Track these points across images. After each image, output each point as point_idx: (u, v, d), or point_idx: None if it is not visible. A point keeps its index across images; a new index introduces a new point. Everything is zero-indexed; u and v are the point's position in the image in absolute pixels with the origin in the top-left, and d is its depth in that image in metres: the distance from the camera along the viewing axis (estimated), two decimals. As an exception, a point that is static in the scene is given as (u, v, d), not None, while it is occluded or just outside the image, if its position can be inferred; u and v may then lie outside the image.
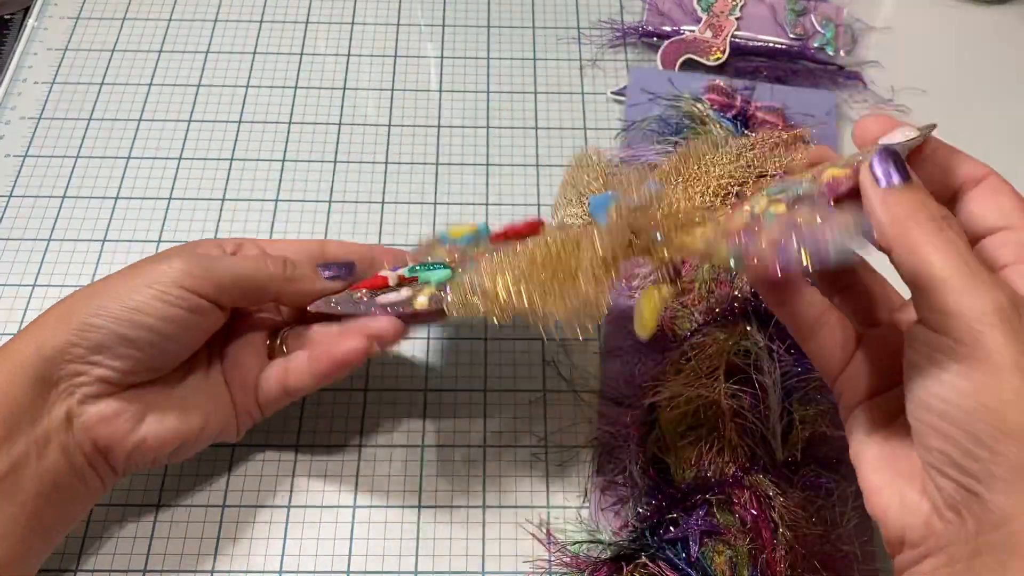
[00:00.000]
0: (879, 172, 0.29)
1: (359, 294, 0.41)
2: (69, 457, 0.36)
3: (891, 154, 0.29)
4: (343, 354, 0.39)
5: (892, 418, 0.32)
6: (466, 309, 0.37)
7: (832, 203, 0.32)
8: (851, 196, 0.31)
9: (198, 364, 0.40)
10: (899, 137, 0.32)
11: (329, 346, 0.39)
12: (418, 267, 0.41)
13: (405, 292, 0.40)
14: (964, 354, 0.26)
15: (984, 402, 0.26)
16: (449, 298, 0.38)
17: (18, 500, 0.35)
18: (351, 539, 0.43)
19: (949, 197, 0.32)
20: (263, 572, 0.42)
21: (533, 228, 0.43)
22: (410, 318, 0.40)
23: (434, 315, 0.41)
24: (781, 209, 0.33)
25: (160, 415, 0.38)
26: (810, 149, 0.39)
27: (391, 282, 0.41)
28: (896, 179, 0.29)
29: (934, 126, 0.32)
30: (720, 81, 0.57)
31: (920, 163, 0.32)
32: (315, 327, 0.41)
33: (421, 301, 0.39)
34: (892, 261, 0.29)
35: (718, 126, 0.54)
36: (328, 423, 0.46)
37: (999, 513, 0.26)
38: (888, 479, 0.30)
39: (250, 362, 0.41)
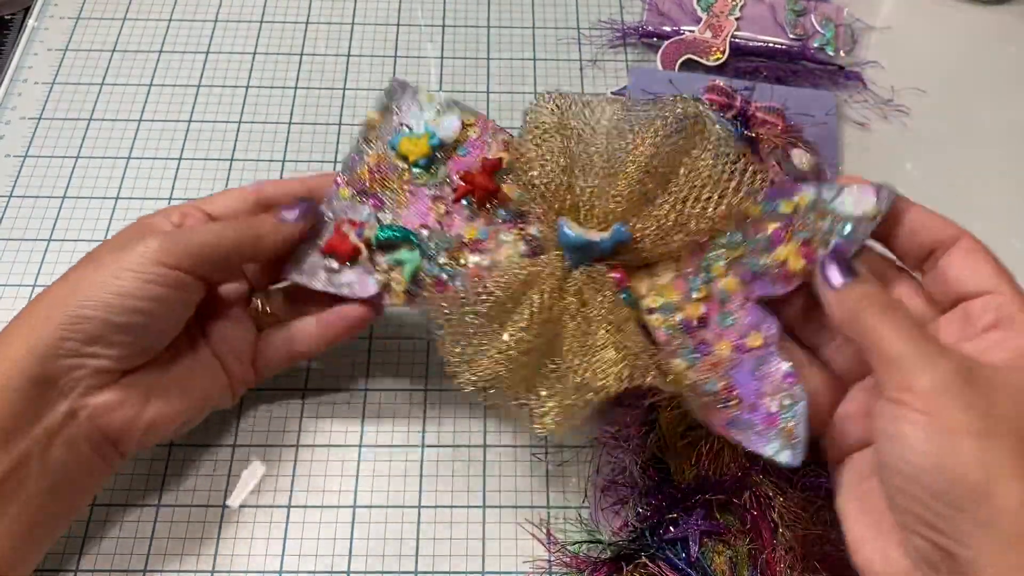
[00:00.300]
0: (829, 276, 0.33)
1: (331, 262, 0.42)
2: (75, 450, 0.37)
3: (837, 258, 0.33)
4: (355, 318, 0.42)
5: (875, 472, 0.33)
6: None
7: (786, 286, 0.37)
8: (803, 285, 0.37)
9: (185, 342, 0.40)
10: (865, 206, 0.36)
11: (338, 311, 0.42)
12: (382, 232, 0.42)
13: (374, 285, 0.42)
14: (923, 423, 0.29)
15: (945, 465, 0.28)
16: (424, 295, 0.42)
17: (21, 499, 0.35)
18: (351, 539, 0.43)
19: (924, 256, 0.35)
20: (263, 572, 0.42)
21: (495, 167, 0.44)
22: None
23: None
24: (733, 286, 0.39)
25: (163, 395, 0.38)
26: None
27: (360, 247, 0.42)
28: (844, 280, 0.33)
29: (894, 197, 0.36)
30: (720, 81, 0.57)
31: (894, 225, 0.35)
32: (292, 287, 0.43)
33: (396, 298, 0.42)
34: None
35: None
36: (328, 423, 0.46)
37: (970, 567, 0.28)
38: (871, 534, 0.32)
39: (238, 333, 0.42)
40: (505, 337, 0.38)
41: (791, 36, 0.62)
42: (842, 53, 0.62)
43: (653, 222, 0.40)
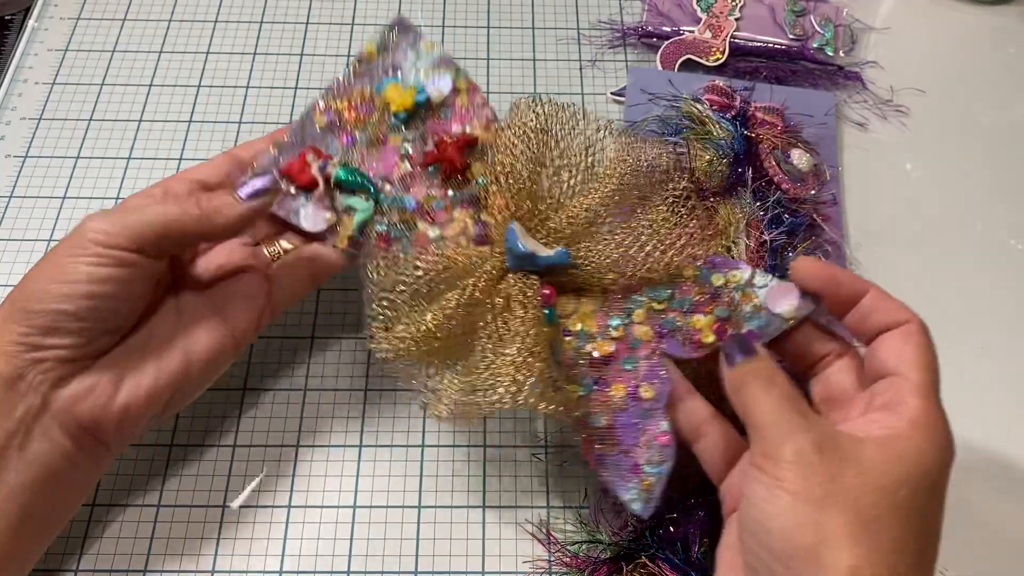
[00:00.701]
0: (729, 355, 0.36)
1: (287, 185, 0.42)
2: (54, 443, 0.36)
3: (738, 341, 0.36)
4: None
5: None
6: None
7: (692, 353, 0.40)
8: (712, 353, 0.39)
9: (164, 312, 0.40)
10: (786, 306, 0.39)
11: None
12: (343, 173, 0.42)
13: (323, 222, 0.42)
14: (770, 485, 0.32)
15: (784, 527, 0.31)
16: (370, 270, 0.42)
17: (2, 493, 0.35)
18: (351, 539, 0.43)
19: (872, 336, 0.37)
20: (263, 572, 0.42)
21: (470, 144, 0.44)
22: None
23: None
24: (647, 336, 0.41)
25: (136, 373, 0.38)
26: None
27: (318, 179, 0.42)
28: (741, 358, 0.35)
29: (813, 309, 0.39)
30: (719, 81, 0.57)
31: (850, 304, 0.37)
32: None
33: (339, 242, 0.43)
34: None
35: (717, 126, 0.54)
36: (328, 423, 0.47)
37: None
38: None
39: (245, 276, 0.42)
40: (428, 317, 0.39)
41: (790, 36, 0.62)
42: (841, 53, 0.62)
43: (595, 255, 0.41)
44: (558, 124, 0.43)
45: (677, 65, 0.61)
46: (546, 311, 0.41)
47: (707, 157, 0.52)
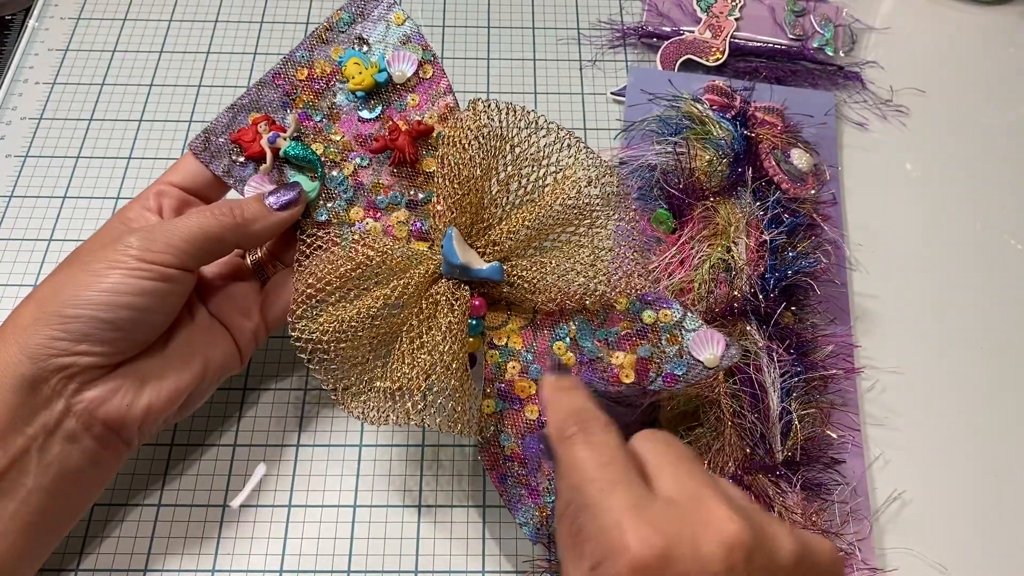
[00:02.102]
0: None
1: (237, 153, 0.42)
2: (77, 444, 0.37)
3: (545, 442, 0.34)
4: None
5: None
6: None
7: (608, 387, 0.40)
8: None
9: (182, 320, 0.40)
10: (708, 354, 0.40)
11: None
12: (292, 149, 0.42)
13: (268, 189, 0.41)
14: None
15: None
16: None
17: (19, 496, 0.36)
18: (351, 539, 0.43)
19: None
20: (263, 572, 0.42)
21: (423, 134, 0.43)
22: None
23: None
24: (568, 362, 0.40)
25: (158, 378, 0.39)
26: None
27: (266, 152, 0.42)
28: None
29: (736, 360, 0.40)
30: (719, 81, 0.57)
31: None
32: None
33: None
34: None
35: (717, 126, 0.54)
36: (328, 423, 0.47)
37: None
38: None
39: (243, 289, 0.42)
40: (352, 311, 0.38)
41: (790, 36, 0.62)
42: (841, 53, 0.62)
43: (531, 274, 0.40)
44: (515, 130, 0.41)
45: (677, 65, 0.61)
46: (473, 322, 0.40)
47: (707, 157, 0.52)
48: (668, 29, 0.63)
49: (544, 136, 0.41)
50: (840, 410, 0.47)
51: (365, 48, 0.44)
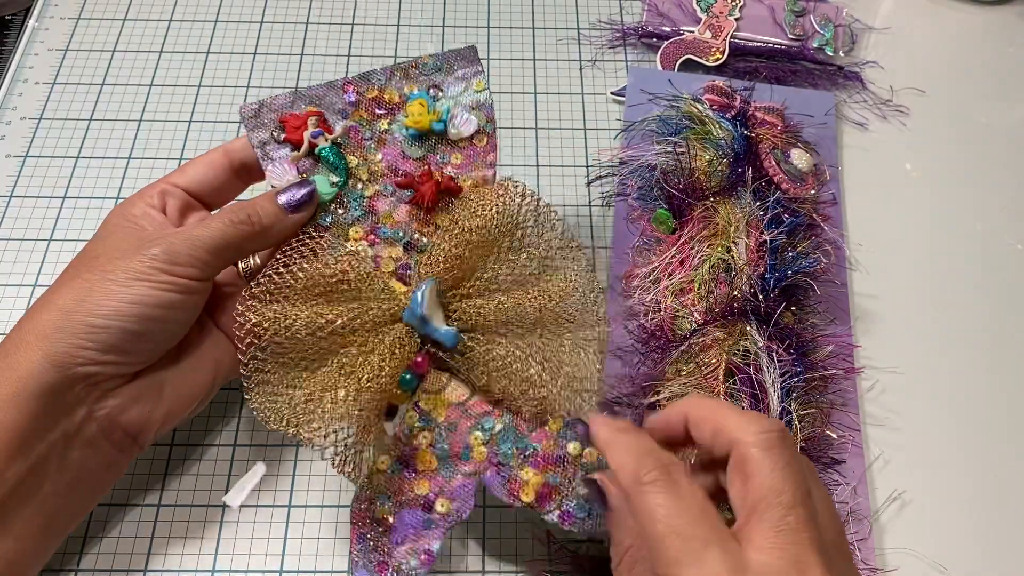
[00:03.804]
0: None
1: (279, 132, 0.42)
2: (95, 448, 0.37)
3: (593, 487, 0.35)
4: None
5: None
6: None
7: (505, 497, 0.39)
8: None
9: (194, 328, 0.40)
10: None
11: None
12: (325, 151, 0.42)
13: (285, 181, 0.41)
14: None
15: None
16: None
17: (35, 501, 0.36)
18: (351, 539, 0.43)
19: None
20: (263, 572, 0.42)
21: (449, 192, 0.43)
22: None
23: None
24: (479, 456, 0.40)
25: (175, 384, 0.39)
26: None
27: (304, 143, 0.42)
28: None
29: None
30: (719, 82, 0.57)
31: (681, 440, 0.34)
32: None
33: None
34: None
35: (717, 126, 0.54)
36: (328, 423, 0.47)
37: None
38: None
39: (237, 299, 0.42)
40: (303, 313, 0.38)
41: (790, 36, 0.62)
42: (841, 53, 0.62)
43: (482, 358, 0.40)
44: (532, 219, 0.41)
45: (677, 65, 0.61)
46: (407, 376, 0.40)
47: (707, 157, 0.52)
48: (668, 29, 0.63)
49: (557, 239, 0.42)
50: (840, 410, 0.47)
51: (438, 95, 0.45)
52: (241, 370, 0.38)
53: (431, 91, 0.45)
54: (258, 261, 0.43)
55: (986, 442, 0.47)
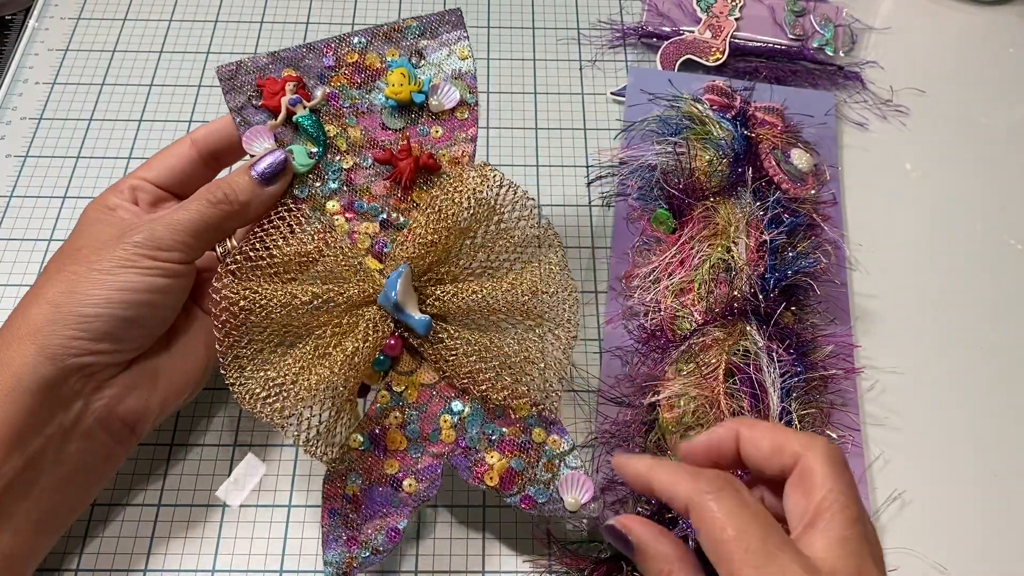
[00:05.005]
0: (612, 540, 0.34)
1: (256, 97, 0.42)
2: (93, 440, 0.37)
3: (613, 533, 0.34)
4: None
5: None
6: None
7: (470, 479, 0.40)
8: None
9: (181, 314, 0.41)
10: (571, 499, 0.39)
11: None
12: (304, 119, 0.41)
13: (261, 149, 0.41)
14: None
15: None
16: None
17: (33, 495, 0.36)
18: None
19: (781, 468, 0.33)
20: (264, 571, 0.42)
21: (428, 168, 0.42)
22: None
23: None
24: (447, 438, 0.40)
25: (170, 370, 0.39)
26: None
27: (282, 110, 0.41)
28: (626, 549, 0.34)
29: (595, 519, 0.40)
30: (719, 82, 0.57)
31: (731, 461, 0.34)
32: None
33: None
34: None
35: (717, 126, 0.54)
36: (328, 423, 0.47)
37: None
38: None
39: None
40: (277, 292, 0.38)
41: (790, 36, 0.62)
42: (841, 53, 0.62)
43: (454, 345, 0.40)
44: (509, 207, 0.41)
45: (677, 65, 0.61)
46: (380, 357, 0.40)
47: (707, 157, 0.52)
48: (668, 29, 0.63)
49: (533, 228, 0.42)
50: (840, 410, 0.47)
51: (420, 62, 0.44)
52: (217, 347, 0.38)
53: (413, 58, 0.43)
54: (235, 243, 0.42)
55: (986, 442, 0.47)
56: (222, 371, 0.38)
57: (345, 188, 0.42)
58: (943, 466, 0.47)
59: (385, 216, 0.42)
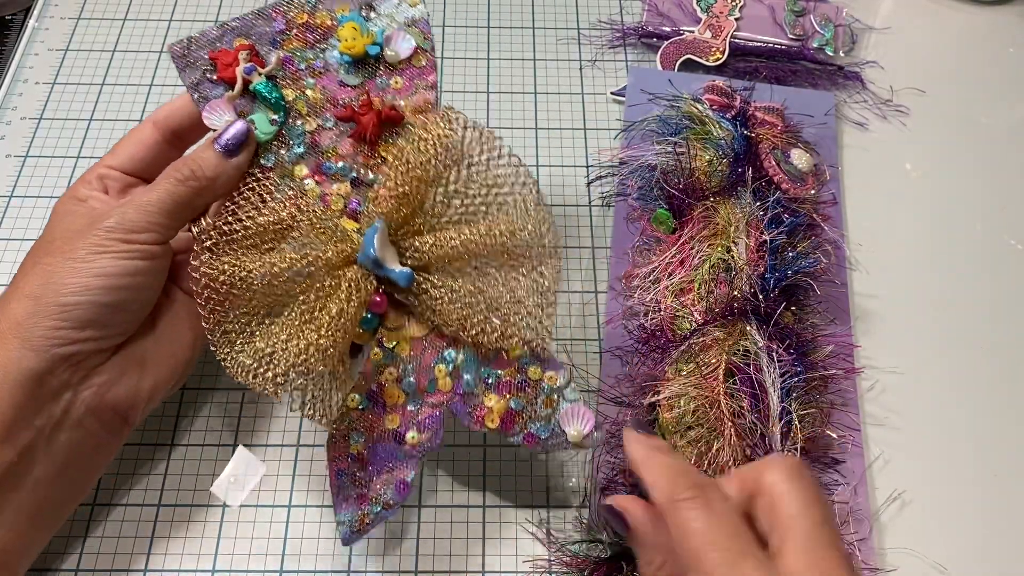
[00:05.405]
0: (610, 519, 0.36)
1: (212, 71, 0.41)
2: (84, 431, 0.37)
3: (611, 512, 0.35)
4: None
5: None
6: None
7: (470, 425, 0.40)
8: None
9: (162, 297, 0.41)
10: (573, 431, 0.40)
11: None
12: (261, 87, 0.41)
13: (221, 123, 0.40)
14: None
15: None
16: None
17: (27, 487, 0.36)
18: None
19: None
20: (264, 571, 0.42)
21: (391, 120, 0.42)
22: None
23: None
24: (444, 387, 0.40)
25: (156, 355, 0.39)
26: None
27: (237, 81, 0.41)
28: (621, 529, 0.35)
29: (598, 445, 0.41)
30: (719, 81, 0.57)
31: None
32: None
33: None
34: None
35: (717, 126, 0.54)
36: (328, 423, 0.47)
37: None
38: None
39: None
40: (256, 263, 0.38)
41: (790, 36, 0.62)
42: (841, 53, 0.62)
43: (440, 294, 0.40)
44: (478, 149, 0.41)
45: (677, 65, 0.61)
46: (368, 315, 0.40)
47: (707, 157, 0.52)
48: (668, 29, 0.63)
49: (503, 167, 0.41)
50: (840, 410, 0.47)
51: (372, 15, 0.43)
52: (203, 324, 0.38)
53: (363, 11, 0.43)
54: (210, 221, 0.42)
55: (986, 442, 0.47)
56: (212, 348, 0.38)
57: (311, 151, 0.42)
58: (943, 466, 0.47)
59: (355, 174, 0.42)
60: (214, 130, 0.40)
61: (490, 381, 0.40)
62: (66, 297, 0.36)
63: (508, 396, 0.40)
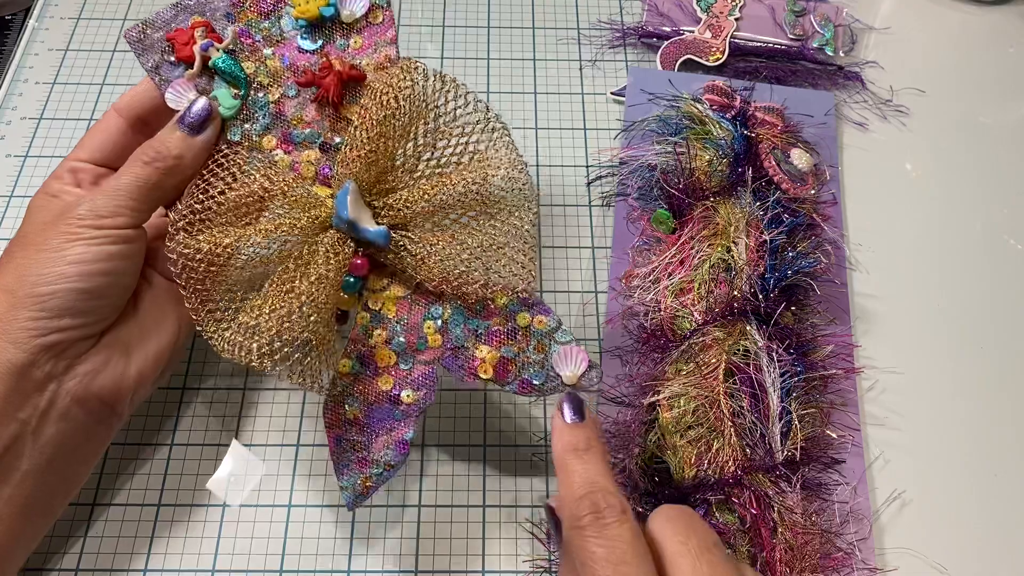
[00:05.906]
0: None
1: (169, 52, 0.41)
2: (71, 422, 0.37)
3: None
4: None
5: None
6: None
7: (465, 377, 0.40)
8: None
9: (142, 284, 0.41)
10: (568, 372, 0.40)
11: None
12: (221, 62, 0.41)
13: (184, 103, 0.40)
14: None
15: None
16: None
17: (14, 480, 0.36)
18: (351, 539, 0.43)
19: None
20: (263, 571, 0.42)
21: (354, 79, 0.41)
22: None
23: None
24: (434, 343, 0.40)
25: (141, 342, 0.39)
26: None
27: (196, 59, 0.41)
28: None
29: (597, 382, 0.41)
30: (719, 82, 0.57)
31: None
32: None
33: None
34: None
35: (717, 126, 0.54)
36: (328, 423, 0.47)
37: None
38: None
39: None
40: (231, 238, 0.38)
41: (790, 36, 0.62)
42: (841, 53, 0.62)
43: (419, 250, 0.40)
44: (443, 99, 0.40)
45: (677, 65, 0.61)
46: (351, 279, 0.40)
47: (707, 157, 0.52)
48: (668, 29, 0.63)
49: (471, 114, 0.41)
50: (840, 410, 0.47)
51: None
52: (186, 304, 0.38)
53: None
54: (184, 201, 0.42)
55: (986, 442, 0.47)
56: (198, 328, 0.38)
57: (277, 121, 0.41)
58: (943, 466, 0.47)
59: (323, 140, 0.42)
60: (178, 111, 0.40)
61: (480, 332, 0.40)
62: (41, 287, 0.36)
63: (500, 345, 0.40)
